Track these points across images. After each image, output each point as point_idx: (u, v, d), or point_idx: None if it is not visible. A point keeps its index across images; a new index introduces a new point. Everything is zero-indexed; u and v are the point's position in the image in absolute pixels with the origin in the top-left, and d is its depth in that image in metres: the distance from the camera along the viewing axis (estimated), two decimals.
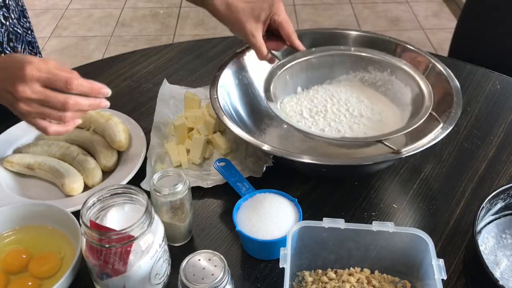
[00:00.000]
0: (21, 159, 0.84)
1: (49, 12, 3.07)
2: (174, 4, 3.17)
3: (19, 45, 1.03)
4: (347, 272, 0.68)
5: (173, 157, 0.86)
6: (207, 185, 0.82)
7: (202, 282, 0.57)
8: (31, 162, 0.83)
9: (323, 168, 0.77)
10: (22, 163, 0.83)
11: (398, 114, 0.86)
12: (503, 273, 0.70)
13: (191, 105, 0.94)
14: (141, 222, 0.58)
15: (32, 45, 1.08)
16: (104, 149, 0.86)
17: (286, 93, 0.91)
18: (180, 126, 0.87)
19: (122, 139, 0.86)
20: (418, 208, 0.80)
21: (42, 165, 0.83)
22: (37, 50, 1.10)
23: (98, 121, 0.89)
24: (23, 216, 0.72)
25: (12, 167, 0.84)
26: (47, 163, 0.83)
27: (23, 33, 1.04)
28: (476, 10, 1.35)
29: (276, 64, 0.89)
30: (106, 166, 0.84)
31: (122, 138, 0.86)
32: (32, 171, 0.83)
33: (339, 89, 0.90)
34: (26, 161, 0.83)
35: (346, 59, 0.92)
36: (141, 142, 0.87)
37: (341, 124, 0.83)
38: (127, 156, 0.86)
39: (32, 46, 1.08)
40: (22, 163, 0.83)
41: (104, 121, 0.88)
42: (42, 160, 0.83)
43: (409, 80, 0.86)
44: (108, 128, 0.87)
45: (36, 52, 1.09)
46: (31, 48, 1.07)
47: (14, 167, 0.84)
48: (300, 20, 2.98)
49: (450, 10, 3.05)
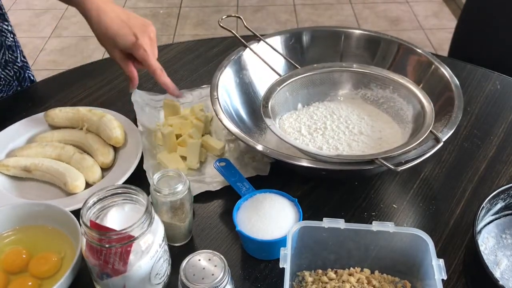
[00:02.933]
0: (16, 162, 0.83)
1: (49, 12, 3.07)
2: (174, 4, 3.17)
3: None
4: (347, 272, 0.68)
5: (170, 166, 0.84)
6: (214, 188, 0.82)
7: (202, 282, 0.57)
8: (28, 164, 0.82)
9: (323, 172, 0.77)
10: (18, 166, 0.83)
11: (398, 132, 0.85)
12: (503, 273, 0.70)
13: (171, 112, 0.93)
14: (141, 222, 0.58)
15: (12, 49, 1.07)
16: (100, 146, 0.86)
17: (286, 109, 0.90)
18: (169, 134, 0.86)
19: (119, 135, 0.86)
20: (418, 208, 0.80)
21: (39, 166, 0.82)
22: (18, 54, 1.09)
23: (91, 119, 0.89)
24: (23, 216, 0.72)
25: (8, 171, 0.83)
26: (45, 163, 0.82)
27: (1, 37, 1.03)
28: (476, 10, 1.35)
29: (276, 80, 0.88)
30: (104, 163, 0.84)
31: (119, 134, 0.86)
32: (29, 173, 0.83)
33: (340, 106, 0.90)
34: (22, 163, 0.83)
35: (348, 75, 0.91)
36: (136, 137, 0.87)
37: (339, 141, 0.82)
38: (123, 152, 0.86)
39: (13, 50, 1.07)
40: (18, 166, 0.83)
41: (97, 118, 0.88)
42: (39, 161, 0.83)
43: (411, 98, 0.85)
44: (103, 125, 0.87)
45: (16, 56, 1.08)
46: (11, 52, 1.07)
47: (10, 170, 0.83)
48: (300, 20, 2.98)
49: (450, 10, 3.05)
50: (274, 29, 2.84)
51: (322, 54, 0.98)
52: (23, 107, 1.00)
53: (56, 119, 0.91)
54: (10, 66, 1.07)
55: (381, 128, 0.85)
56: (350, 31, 0.98)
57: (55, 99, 1.03)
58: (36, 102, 1.02)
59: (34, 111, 0.96)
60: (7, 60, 1.06)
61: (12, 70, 1.08)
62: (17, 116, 0.95)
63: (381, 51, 0.96)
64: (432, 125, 0.77)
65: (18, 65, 1.09)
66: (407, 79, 0.87)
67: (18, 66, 1.09)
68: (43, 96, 1.04)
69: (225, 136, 0.91)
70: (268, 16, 3.03)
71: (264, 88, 0.88)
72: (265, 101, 0.84)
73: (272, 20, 2.99)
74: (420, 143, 0.74)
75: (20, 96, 1.05)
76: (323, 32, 1.00)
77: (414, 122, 0.84)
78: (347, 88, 0.92)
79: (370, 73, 0.90)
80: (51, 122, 0.91)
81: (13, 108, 1.00)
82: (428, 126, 0.77)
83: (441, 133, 0.75)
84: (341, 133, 0.84)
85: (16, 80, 1.09)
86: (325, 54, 0.98)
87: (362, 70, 0.90)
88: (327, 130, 0.85)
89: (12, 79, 1.08)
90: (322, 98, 0.92)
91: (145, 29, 0.88)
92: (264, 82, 0.90)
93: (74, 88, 1.06)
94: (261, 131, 0.89)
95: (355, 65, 0.91)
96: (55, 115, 0.91)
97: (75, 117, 0.90)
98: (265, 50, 0.95)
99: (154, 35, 0.90)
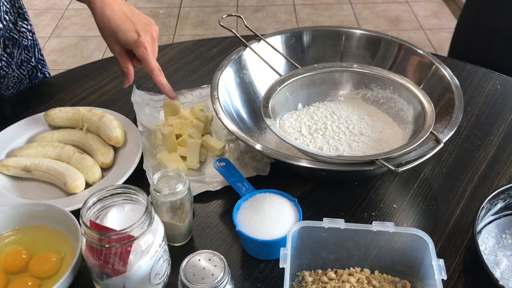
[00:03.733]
0: (16, 162, 0.83)
1: (49, 12, 3.07)
2: (174, 4, 3.17)
3: (15, 50, 1.02)
4: (347, 272, 0.68)
5: (170, 166, 0.84)
6: (214, 188, 0.82)
7: (202, 282, 0.57)
8: (28, 164, 0.82)
9: (323, 172, 0.77)
10: (18, 166, 0.82)
11: (399, 133, 0.85)
12: (503, 273, 0.70)
13: (171, 112, 0.93)
14: (141, 222, 0.58)
15: (28, 49, 1.07)
16: (100, 146, 0.86)
17: (286, 109, 0.90)
18: (169, 134, 0.86)
19: (119, 135, 0.86)
20: (418, 208, 0.80)
21: (39, 166, 0.82)
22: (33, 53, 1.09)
23: (91, 119, 0.89)
24: (23, 216, 0.72)
25: (8, 171, 0.83)
26: (45, 163, 0.82)
27: (19, 37, 1.04)
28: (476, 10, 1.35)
29: (276, 80, 0.88)
30: (104, 163, 0.84)
31: (119, 134, 0.86)
32: (29, 173, 0.83)
33: (341, 107, 0.90)
34: (22, 163, 0.83)
35: (348, 76, 0.91)
36: (136, 137, 0.87)
37: (340, 142, 0.82)
38: (123, 151, 0.86)
39: (28, 50, 1.07)
40: (18, 165, 0.83)
41: (97, 119, 0.88)
42: (39, 162, 0.83)
43: (411, 98, 0.84)
44: (103, 125, 0.87)
45: (31, 56, 1.09)
46: (27, 52, 1.07)
47: (10, 170, 0.83)
48: (300, 20, 2.98)
49: (450, 10, 3.05)
50: (274, 29, 2.85)
51: (322, 54, 0.98)
52: (23, 107, 1.00)
53: (56, 119, 0.91)
54: (25, 65, 1.08)
55: (381, 129, 0.85)
56: (351, 31, 0.98)
57: (55, 99, 1.03)
58: (36, 102, 1.02)
59: (34, 111, 0.96)
60: (23, 60, 1.07)
61: (26, 69, 1.08)
62: (17, 116, 0.95)
63: (381, 51, 0.96)
64: (433, 126, 0.77)
65: (32, 65, 1.10)
66: (407, 80, 0.86)
67: (31, 66, 1.10)
68: (43, 96, 1.04)
69: (225, 136, 0.91)
70: (268, 16, 3.03)
71: (264, 87, 0.88)
72: (265, 101, 0.84)
73: (272, 20, 3.00)
74: (420, 144, 0.74)
75: (20, 96, 1.05)
76: (323, 32, 1.00)
77: (414, 122, 0.84)
78: (348, 88, 0.92)
79: (370, 73, 0.90)
80: (51, 122, 0.91)
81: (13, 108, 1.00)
82: (428, 127, 0.76)
83: (441, 134, 0.75)
84: (342, 133, 0.84)
85: (28, 79, 1.10)
86: (325, 54, 0.98)
87: (363, 70, 0.90)
88: (327, 130, 0.84)
89: (24, 77, 1.09)
90: (323, 98, 0.92)
91: (148, 27, 0.88)
92: (265, 82, 0.90)
93: (74, 88, 1.06)
94: (261, 131, 0.89)
95: (356, 65, 0.91)
96: (55, 115, 0.91)
97: (75, 117, 0.90)
98: (265, 49, 0.95)
99: (157, 34, 0.90)
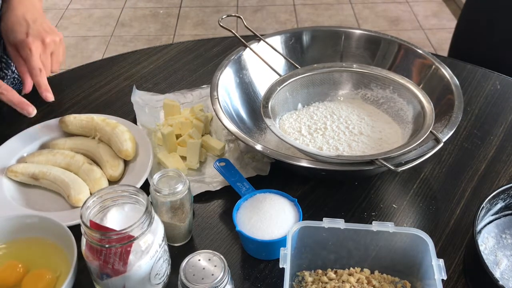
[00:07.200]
0: (25, 168, 0.81)
1: (49, 12, 3.07)
2: (174, 4, 3.17)
3: None
4: (347, 272, 0.68)
5: (170, 166, 0.84)
6: (214, 188, 0.82)
7: (202, 282, 0.57)
8: (36, 171, 0.81)
9: (323, 172, 0.77)
10: (27, 173, 0.81)
11: (399, 132, 0.85)
12: (503, 273, 0.70)
13: (171, 112, 0.93)
14: (141, 222, 0.58)
15: None
16: (110, 158, 0.83)
17: (286, 109, 0.90)
18: (169, 134, 0.86)
19: (129, 148, 0.83)
20: (418, 208, 0.80)
21: (47, 174, 0.80)
22: None
23: (104, 129, 0.86)
24: (16, 228, 0.70)
25: (16, 177, 0.81)
26: (52, 172, 0.80)
27: None
28: (476, 10, 1.35)
29: (276, 80, 0.88)
30: (113, 176, 0.82)
31: (129, 147, 0.83)
32: (37, 181, 0.81)
33: (340, 107, 0.90)
34: (30, 170, 0.81)
35: (348, 76, 0.91)
36: (147, 151, 0.84)
37: (339, 142, 0.82)
38: (134, 165, 0.83)
39: None
40: (26, 172, 0.81)
41: (110, 129, 0.86)
42: (47, 170, 0.81)
43: (411, 98, 0.84)
44: (114, 137, 0.84)
45: None
46: None
47: (18, 176, 0.81)
48: (300, 20, 2.98)
49: (450, 10, 3.05)
50: (274, 29, 2.85)
51: (322, 54, 0.98)
52: None
53: (70, 126, 0.89)
54: None
55: (381, 129, 0.85)
56: (350, 31, 0.98)
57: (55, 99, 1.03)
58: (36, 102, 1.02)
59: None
60: None
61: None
62: (17, 116, 0.95)
63: (381, 51, 0.96)
64: (432, 126, 0.77)
65: None
66: (407, 79, 0.86)
67: None
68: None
69: (225, 136, 0.91)
70: (268, 16, 3.03)
71: (264, 88, 0.88)
72: (265, 101, 0.84)
73: (272, 20, 3.00)
74: (420, 144, 0.74)
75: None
76: (323, 32, 1.00)
77: (414, 122, 0.84)
78: (347, 88, 0.92)
79: (370, 73, 0.90)
80: (65, 129, 0.90)
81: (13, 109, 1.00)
82: (428, 126, 0.77)
83: (441, 133, 0.75)
84: (341, 133, 0.84)
85: None
86: (325, 54, 0.98)
87: (362, 70, 0.90)
88: (327, 130, 0.84)
89: None
90: (322, 98, 0.92)
91: (44, 34, 0.90)
92: (264, 82, 0.90)
93: (74, 88, 1.06)
94: (261, 131, 0.89)
95: (355, 65, 0.91)
96: (69, 122, 0.89)
97: (88, 125, 0.88)
98: (265, 50, 0.95)
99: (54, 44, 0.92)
